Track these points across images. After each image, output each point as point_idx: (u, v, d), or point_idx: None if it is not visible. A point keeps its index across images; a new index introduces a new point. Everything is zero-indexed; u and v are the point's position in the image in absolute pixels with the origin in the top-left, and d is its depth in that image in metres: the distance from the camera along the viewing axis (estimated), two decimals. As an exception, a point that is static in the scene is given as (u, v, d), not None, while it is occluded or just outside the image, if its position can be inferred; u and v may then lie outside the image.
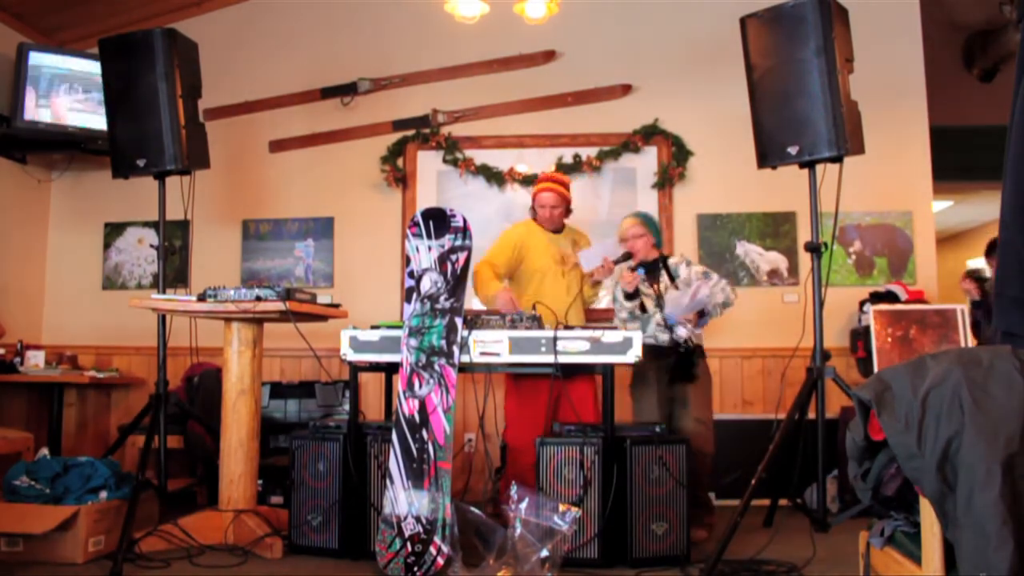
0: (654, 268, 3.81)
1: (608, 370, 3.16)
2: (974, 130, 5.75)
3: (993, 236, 3.88)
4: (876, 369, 3.62)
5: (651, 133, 4.94)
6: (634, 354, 3.11)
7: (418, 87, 5.12)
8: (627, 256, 3.81)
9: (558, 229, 4.08)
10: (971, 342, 3.78)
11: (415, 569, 2.90)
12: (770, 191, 4.69)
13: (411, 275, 3.25)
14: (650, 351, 3.66)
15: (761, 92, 3.51)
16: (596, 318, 4.76)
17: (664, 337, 3.71)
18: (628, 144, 4.94)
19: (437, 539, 2.91)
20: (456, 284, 3.20)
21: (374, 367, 3.45)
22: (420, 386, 3.10)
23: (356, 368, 3.36)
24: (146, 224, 5.16)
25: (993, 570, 1.57)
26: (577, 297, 3.95)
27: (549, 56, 5.07)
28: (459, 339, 3.14)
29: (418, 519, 2.95)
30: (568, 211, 4.09)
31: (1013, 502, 1.60)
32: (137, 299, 3.41)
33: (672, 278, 3.76)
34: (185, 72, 3.75)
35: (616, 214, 4.15)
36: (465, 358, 3.14)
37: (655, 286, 3.76)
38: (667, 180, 4.91)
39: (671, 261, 3.83)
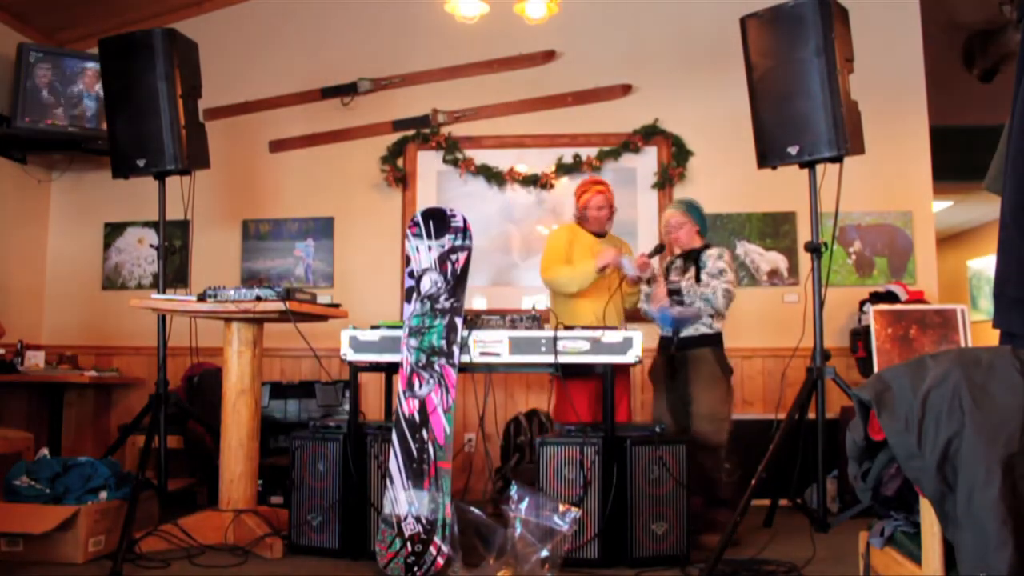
0: (691, 258, 3.69)
1: (608, 370, 3.15)
2: (974, 130, 5.75)
3: None
4: (876, 369, 3.62)
5: (651, 133, 4.94)
6: (634, 354, 3.11)
7: (418, 87, 5.12)
8: (660, 248, 3.78)
9: (602, 233, 3.97)
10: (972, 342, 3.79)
11: (415, 569, 2.90)
12: (770, 191, 4.69)
13: (411, 275, 3.25)
14: (660, 343, 3.74)
15: (761, 92, 3.51)
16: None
17: (669, 329, 3.68)
18: (628, 144, 4.94)
19: (437, 539, 2.91)
20: (456, 284, 3.20)
21: (374, 367, 3.45)
22: (420, 386, 3.10)
23: (356, 368, 3.36)
24: (146, 224, 5.16)
25: (993, 570, 1.57)
26: (616, 295, 3.83)
27: (549, 56, 5.07)
28: (459, 339, 3.14)
29: (418, 519, 2.95)
30: (612, 213, 4.00)
31: (1013, 502, 1.60)
32: (137, 299, 3.41)
33: (699, 270, 3.62)
34: (185, 72, 3.75)
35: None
36: (465, 358, 3.15)
37: (687, 275, 3.65)
38: (667, 180, 4.91)
39: (707, 252, 3.65)
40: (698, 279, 3.60)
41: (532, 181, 4.96)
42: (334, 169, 5.14)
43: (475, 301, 4.91)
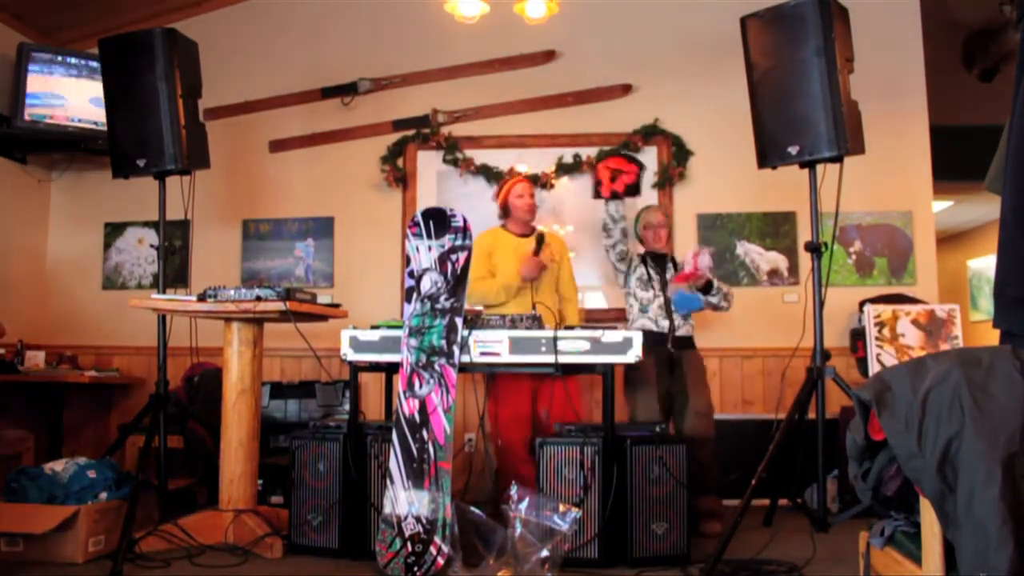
0: (663, 260, 4.07)
1: (608, 370, 3.15)
2: (974, 130, 5.75)
3: None
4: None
5: (651, 133, 4.94)
6: (634, 354, 3.11)
7: (418, 87, 5.12)
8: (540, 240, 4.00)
9: (526, 233, 4.09)
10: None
11: (415, 569, 2.90)
12: (770, 191, 4.69)
13: (411, 275, 3.25)
14: (649, 337, 3.74)
15: (761, 92, 3.51)
16: (597, 319, 4.77)
17: (665, 323, 3.89)
18: (628, 144, 4.93)
19: (437, 539, 2.91)
20: (456, 284, 3.20)
21: (374, 367, 3.45)
22: (420, 386, 3.10)
23: (356, 368, 3.36)
24: (146, 224, 5.16)
25: (993, 570, 1.57)
26: (554, 295, 4.07)
27: (549, 56, 5.07)
28: (459, 339, 3.14)
29: (418, 519, 2.95)
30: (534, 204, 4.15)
31: (1013, 502, 1.60)
32: (137, 299, 3.41)
33: (677, 270, 4.02)
34: (185, 72, 3.75)
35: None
36: (465, 358, 3.14)
37: (668, 275, 4.04)
38: (667, 180, 4.91)
39: (677, 257, 4.11)
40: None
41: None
42: (334, 169, 5.14)
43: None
